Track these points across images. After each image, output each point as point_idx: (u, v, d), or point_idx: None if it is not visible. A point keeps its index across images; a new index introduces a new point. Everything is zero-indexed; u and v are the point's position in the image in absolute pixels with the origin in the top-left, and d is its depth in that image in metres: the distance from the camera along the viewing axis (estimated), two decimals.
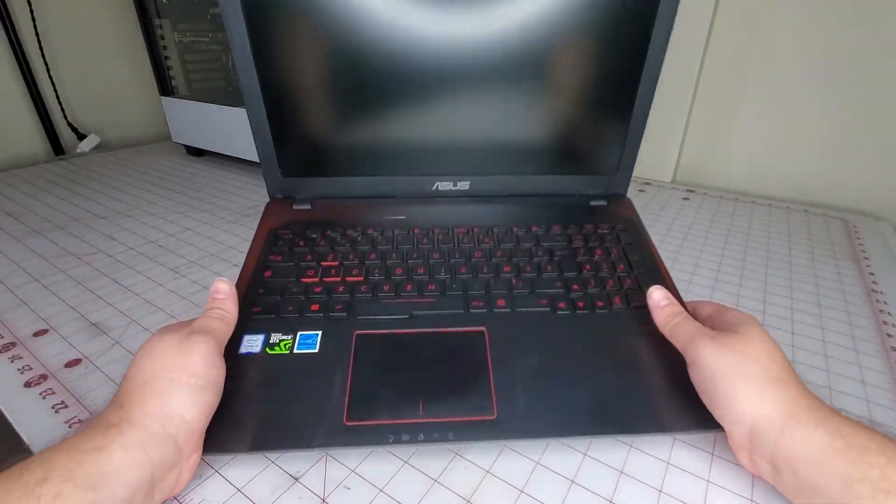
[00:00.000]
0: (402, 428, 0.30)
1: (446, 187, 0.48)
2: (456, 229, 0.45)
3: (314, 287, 0.38)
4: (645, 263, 0.42)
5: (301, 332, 0.35)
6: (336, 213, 0.46)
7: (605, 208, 0.49)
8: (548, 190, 0.49)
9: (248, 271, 0.40)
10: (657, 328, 0.34)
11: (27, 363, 0.40)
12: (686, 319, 0.32)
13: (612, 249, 0.43)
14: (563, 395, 0.32)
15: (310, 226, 0.45)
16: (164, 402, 0.26)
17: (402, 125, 0.45)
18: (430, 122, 0.45)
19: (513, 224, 0.46)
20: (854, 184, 0.72)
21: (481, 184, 0.48)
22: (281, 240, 0.43)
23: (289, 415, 0.30)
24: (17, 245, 0.59)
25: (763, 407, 0.26)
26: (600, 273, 0.41)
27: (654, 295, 0.35)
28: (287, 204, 0.47)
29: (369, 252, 0.42)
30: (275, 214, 0.46)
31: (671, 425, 0.30)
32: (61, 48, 0.93)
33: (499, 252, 0.42)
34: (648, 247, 0.44)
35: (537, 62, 0.43)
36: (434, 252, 0.42)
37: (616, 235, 0.45)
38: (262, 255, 0.42)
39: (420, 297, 0.38)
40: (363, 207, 0.47)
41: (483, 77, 0.43)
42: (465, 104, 0.44)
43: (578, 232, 0.45)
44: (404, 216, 0.46)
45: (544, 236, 0.44)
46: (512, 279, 0.40)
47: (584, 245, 0.44)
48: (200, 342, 0.29)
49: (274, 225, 0.45)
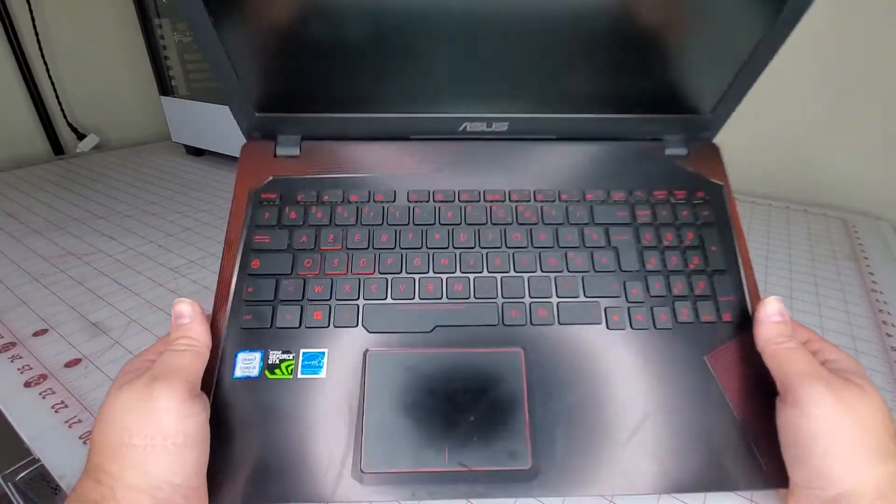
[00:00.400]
0: (424, 478, 0.27)
1: (477, 128, 0.36)
2: (489, 196, 0.35)
3: (315, 285, 0.32)
4: (725, 257, 0.33)
5: (304, 350, 0.30)
6: (332, 164, 0.36)
7: (685, 161, 0.37)
8: (611, 132, 0.37)
9: (231, 261, 0.32)
10: (729, 347, 0.30)
11: (27, 363, 0.40)
12: (800, 349, 0.27)
13: (687, 233, 0.34)
14: (606, 442, 0.28)
15: (300, 185, 0.35)
16: (144, 474, 0.23)
17: (416, 40, 0.32)
18: (455, 37, 0.32)
19: (561, 186, 0.35)
20: (854, 183, 0.72)
21: (522, 124, 0.36)
22: (266, 209, 0.34)
23: (298, 460, 0.27)
24: (16, 245, 0.59)
25: (857, 479, 0.24)
26: (668, 267, 0.33)
27: (769, 307, 0.29)
28: (268, 149, 0.36)
29: (380, 232, 0.33)
30: (254, 165, 0.36)
31: (736, 481, 0.27)
32: (61, 48, 0.93)
33: (542, 235, 0.34)
34: (732, 230, 0.34)
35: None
36: (461, 233, 0.33)
37: (693, 208, 0.35)
38: (244, 234, 0.33)
39: (445, 300, 0.31)
40: (367, 156, 0.36)
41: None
42: (505, 7, 0.30)
43: (645, 201, 0.35)
44: (422, 172, 0.36)
45: (601, 208, 0.35)
46: (556, 278, 0.32)
47: (652, 223, 0.34)
48: (164, 393, 0.24)
49: (254, 185, 0.35)
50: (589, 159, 0.36)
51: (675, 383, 0.29)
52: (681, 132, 0.37)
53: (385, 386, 0.29)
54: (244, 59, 0.32)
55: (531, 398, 0.29)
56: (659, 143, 0.37)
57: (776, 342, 0.28)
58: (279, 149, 0.36)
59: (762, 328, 0.29)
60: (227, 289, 0.32)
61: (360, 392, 0.29)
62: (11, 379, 0.38)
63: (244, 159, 0.36)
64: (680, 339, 0.31)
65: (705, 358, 0.30)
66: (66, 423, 0.34)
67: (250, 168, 0.35)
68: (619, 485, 0.27)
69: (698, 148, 0.37)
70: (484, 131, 0.36)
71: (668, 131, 0.37)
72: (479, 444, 0.27)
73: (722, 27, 0.32)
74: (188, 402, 0.25)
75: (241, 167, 0.35)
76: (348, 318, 0.31)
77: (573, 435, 0.28)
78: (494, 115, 0.35)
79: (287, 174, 0.35)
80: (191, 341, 0.28)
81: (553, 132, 0.37)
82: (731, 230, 0.34)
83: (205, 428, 0.26)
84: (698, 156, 0.37)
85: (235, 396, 0.28)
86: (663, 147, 0.37)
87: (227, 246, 0.33)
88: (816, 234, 0.63)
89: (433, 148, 0.36)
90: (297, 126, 0.36)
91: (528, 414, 0.28)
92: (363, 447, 0.27)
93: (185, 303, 0.29)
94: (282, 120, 0.35)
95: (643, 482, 0.27)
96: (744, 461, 0.27)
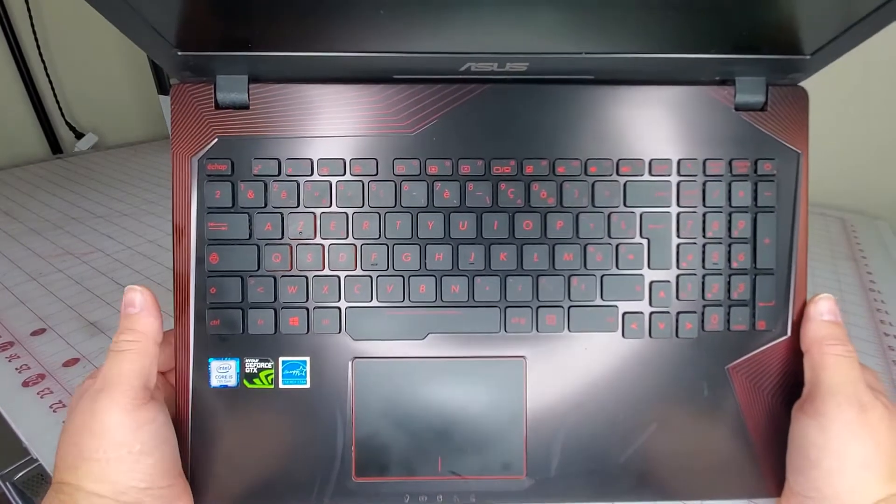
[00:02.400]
0: (417, 486, 0.26)
1: (485, 68, 0.26)
2: (496, 168, 0.28)
3: (288, 285, 0.27)
4: (778, 254, 0.28)
5: (283, 359, 0.27)
6: (293, 118, 0.27)
7: (758, 116, 0.28)
8: (665, 70, 0.27)
9: (185, 254, 0.27)
10: (755, 358, 0.27)
11: (25, 362, 0.40)
12: (845, 359, 0.25)
13: (739, 221, 0.27)
14: (606, 454, 0.27)
15: (255, 149, 0.27)
16: (105, 482, 0.23)
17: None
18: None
19: (589, 152, 0.28)
20: (852, 183, 0.72)
21: (545, 64, 0.26)
22: (216, 186, 0.27)
23: (286, 472, 0.27)
24: (14, 244, 0.59)
25: (855, 498, 0.23)
26: (706, 266, 0.27)
27: (822, 304, 0.26)
28: (207, 96, 0.27)
29: (360, 217, 0.27)
30: (191, 121, 0.27)
31: (736, 493, 0.27)
32: (59, 47, 0.93)
33: (560, 223, 0.27)
34: (796, 219, 0.28)
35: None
36: (459, 221, 0.27)
37: (755, 186, 0.27)
38: (195, 218, 0.27)
39: (439, 303, 0.27)
40: (338, 105, 0.27)
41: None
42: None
43: (694, 174, 0.28)
44: (411, 129, 0.28)
45: (636, 186, 0.27)
46: (571, 277, 0.27)
47: (698, 205, 0.28)
48: (108, 406, 0.23)
49: (196, 149, 0.27)
50: (630, 112, 0.28)
51: (688, 395, 0.27)
52: (762, 73, 0.27)
53: (375, 395, 0.27)
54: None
55: (531, 410, 0.27)
56: (726, 89, 0.28)
57: (827, 343, 0.25)
58: (220, 95, 0.27)
59: (811, 326, 0.26)
60: (187, 288, 0.27)
61: (348, 402, 0.27)
62: (9, 378, 0.38)
63: (177, 110, 0.27)
64: (702, 349, 0.27)
65: (727, 368, 0.27)
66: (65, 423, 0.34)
67: (187, 123, 0.27)
68: (612, 495, 0.27)
69: (779, 96, 0.28)
70: (494, 72, 0.26)
71: (745, 71, 0.27)
72: (474, 454, 0.27)
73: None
74: (137, 412, 0.23)
75: (175, 122, 0.27)
76: (328, 324, 0.27)
77: (572, 448, 0.27)
78: (509, 53, 0.25)
79: (236, 133, 0.27)
80: (135, 335, 0.25)
81: (587, 72, 0.27)
82: (794, 219, 0.28)
83: (162, 431, 0.24)
84: (777, 108, 0.28)
85: (214, 407, 0.27)
86: (732, 94, 0.28)
87: (177, 233, 0.27)
88: (814, 233, 0.63)
89: (425, 94, 0.28)
90: (241, 64, 0.26)
91: (527, 427, 0.27)
92: (354, 457, 0.27)
93: (136, 290, 0.26)
94: (218, 58, 0.25)
95: (638, 492, 0.27)
96: (747, 475, 0.27)
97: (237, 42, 0.24)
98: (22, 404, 0.36)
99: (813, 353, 0.26)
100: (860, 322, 0.45)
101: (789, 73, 0.27)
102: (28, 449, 0.33)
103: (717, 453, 0.27)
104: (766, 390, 0.27)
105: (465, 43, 0.24)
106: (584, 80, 0.28)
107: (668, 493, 0.27)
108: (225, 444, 0.26)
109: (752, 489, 0.27)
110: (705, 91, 0.28)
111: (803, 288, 0.28)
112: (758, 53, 0.25)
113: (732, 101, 0.28)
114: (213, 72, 0.26)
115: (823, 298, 0.26)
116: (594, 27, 0.24)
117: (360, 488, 0.26)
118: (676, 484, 0.27)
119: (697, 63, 0.26)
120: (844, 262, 0.56)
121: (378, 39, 0.24)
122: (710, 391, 0.27)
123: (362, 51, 0.25)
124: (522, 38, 0.25)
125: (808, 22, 0.24)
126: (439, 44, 0.25)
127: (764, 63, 0.26)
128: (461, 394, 0.27)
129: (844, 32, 0.24)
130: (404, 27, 0.24)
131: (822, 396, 0.24)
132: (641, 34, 0.25)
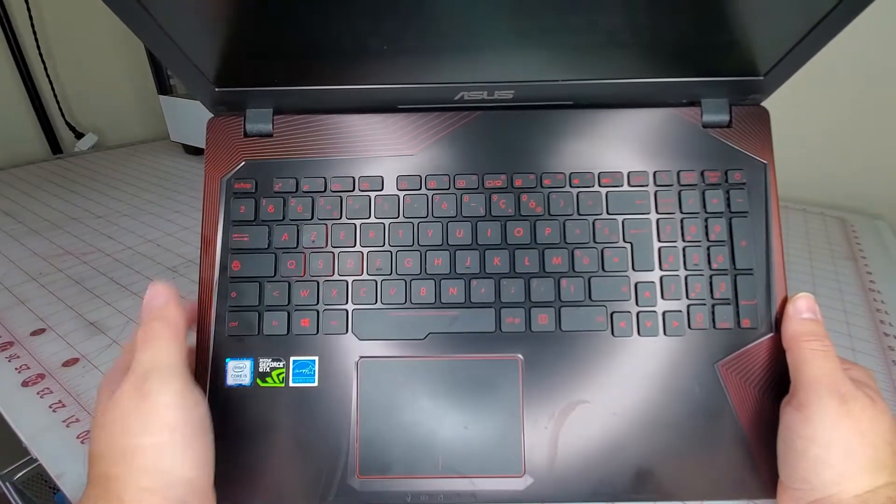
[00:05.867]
0: (418, 485, 0.27)
1: (476, 96, 0.30)
2: (488, 182, 0.31)
3: (301, 290, 0.30)
4: (755, 255, 0.30)
5: (294, 358, 0.29)
6: (310, 143, 0.32)
7: (724, 132, 0.31)
8: (637, 95, 0.31)
9: (210, 262, 0.30)
10: (743, 354, 0.28)
11: (25, 362, 0.40)
12: (823, 353, 0.26)
13: (715, 225, 0.30)
14: (602, 452, 0.28)
15: (276, 170, 0.32)
16: (157, 472, 0.22)
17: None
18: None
19: (573, 166, 0.31)
20: (852, 183, 0.72)
21: (530, 91, 0.30)
22: (242, 201, 0.31)
23: (293, 468, 0.28)
24: (14, 244, 0.59)
25: (841, 488, 0.24)
26: (687, 267, 0.30)
27: (800, 302, 0.28)
28: (237, 127, 0.32)
29: (367, 227, 0.31)
30: (223, 147, 0.32)
31: (733, 491, 0.27)
32: (59, 47, 0.93)
33: (548, 230, 0.30)
34: (770, 223, 0.30)
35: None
36: (456, 229, 0.30)
37: (727, 194, 0.30)
38: (221, 230, 0.31)
39: (438, 306, 0.30)
40: (348, 131, 0.32)
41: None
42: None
43: (669, 184, 0.31)
44: (412, 151, 0.32)
45: (617, 195, 0.30)
46: (560, 280, 0.30)
47: (675, 211, 0.30)
48: (159, 388, 0.23)
49: (225, 171, 0.32)
50: (607, 132, 0.31)
51: (681, 392, 0.28)
52: (724, 95, 0.31)
53: (378, 394, 0.29)
54: (184, 24, 0.27)
55: (528, 407, 0.28)
56: (694, 110, 0.31)
57: (804, 339, 0.27)
58: (249, 125, 0.32)
59: (790, 324, 0.27)
60: (210, 293, 0.30)
61: (353, 400, 0.28)
62: (9, 378, 0.38)
63: (211, 139, 0.32)
64: (690, 347, 0.29)
65: (716, 366, 0.29)
66: (64, 423, 0.34)
67: (219, 150, 0.32)
68: (612, 493, 0.27)
69: (742, 115, 0.31)
70: (484, 99, 0.30)
71: (708, 93, 0.31)
72: (474, 453, 0.28)
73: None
74: (186, 393, 0.24)
75: (210, 149, 0.32)
76: (336, 325, 0.29)
77: (570, 444, 0.28)
78: (496, 83, 0.29)
79: (261, 157, 0.32)
80: (166, 322, 0.25)
81: (567, 97, 0.31)
82: (767, 222, 0.30)
83: (207, 417, 0.25)
84: (741, 125, 0.31)
85: (229, 405, 0.28)
86: (699, 114, 0.31)
87: (205, 244, 0.31)
88: (814, 233, 0.63)
89: (425, 120, 0.32)
90: (267, 98, 0.31)
91: (523, 425, 0.28)
92: (358, 454, 0.28)
93: (161, 284, 0.27)
94: (248, 93, 0.30)
95: (636, 491, 0.27)
96: (742, 471, 0.27)
97: (265, 78, 0.30)
98: (22, 404, 0.36)
99: (793, 350, 0.27)
100: (860, 322, 0.45)
101: (749, 93, 0.31)
102: (28, 449, 0.33)
103: (713, 451, 0.28)
104: (757, 387, 0.28)
105: (457, 74, 0.29)
106: (564, 105, 0.31)
107: (667, 493, 0.27)
108: (235, 441, 0.28)
109: (748, 487, 0.27)
110: (675, 112, 0.31)
111: (783, 287, 0.29)
112: (717, 76, 0.29)
113: (700, 119, 0.31)
114: (243, 105, 0.32)
115: (802, 297, 0.28)
116: (571, 57, 0.29)
117: (364, 486, 0.27)
118: (675, 483, 0.27)
119: (665, 87, 0.30)
120: (844, 262, 0.56)
121: (383, 72, 0.29)
122: (702, 388, 0.28)
123: (370, 84, 0.30)
124: (508, 69, 0.29)
125: (754, 47, 0.28)
126: (436, 75, 0.29)
127: (724, 85, 0.30)
128: (460, 393, 0.28)
129: (788, 54, 0.28)
130: (405, 60, 0.28)
131: (804, 389, 0.25)
132: (612, 62, 0.29)
